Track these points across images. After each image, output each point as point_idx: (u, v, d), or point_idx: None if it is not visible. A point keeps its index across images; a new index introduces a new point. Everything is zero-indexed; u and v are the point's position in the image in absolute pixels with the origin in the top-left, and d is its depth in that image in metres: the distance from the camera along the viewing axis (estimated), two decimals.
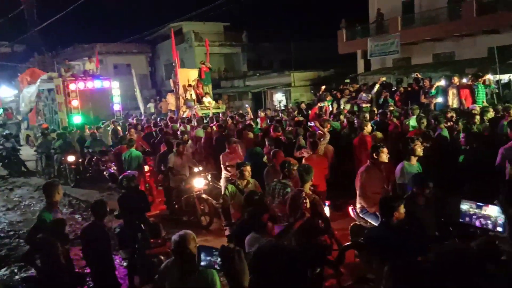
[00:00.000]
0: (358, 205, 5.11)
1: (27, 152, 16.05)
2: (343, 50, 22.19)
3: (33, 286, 4.46)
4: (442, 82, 10.99)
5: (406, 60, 19.87)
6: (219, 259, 2.52)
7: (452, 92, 10.21)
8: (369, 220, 4.98)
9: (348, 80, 16.88)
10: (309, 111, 12.06)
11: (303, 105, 14.95)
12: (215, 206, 7.53)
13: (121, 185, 5.77)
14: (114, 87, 15.93)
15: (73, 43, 35.07)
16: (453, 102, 10.13)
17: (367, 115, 8.34)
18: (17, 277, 5.99)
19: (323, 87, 14.32)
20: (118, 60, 33.89)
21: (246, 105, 19.31)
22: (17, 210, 9.85)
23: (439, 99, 10.42)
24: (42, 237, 4.24)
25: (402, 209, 3.42)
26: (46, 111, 17.43)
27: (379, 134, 6.79)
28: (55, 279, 4.06)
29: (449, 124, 7.35)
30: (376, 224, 4.67)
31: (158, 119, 15.45)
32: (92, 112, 14.98)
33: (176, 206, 8.03)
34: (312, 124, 9.08)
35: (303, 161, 6.21)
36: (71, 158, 11.38)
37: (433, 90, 10.47)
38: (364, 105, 11.73)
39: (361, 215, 5.07)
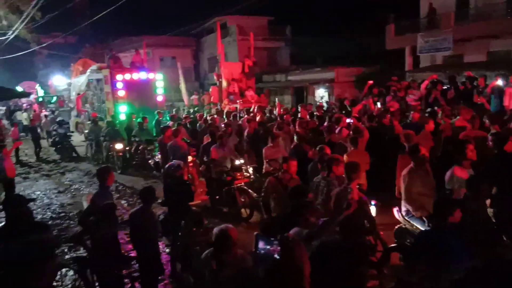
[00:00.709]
0: (403, 208, 4.95)
1: (76, 139, 16.93)
2: (391, 45, 21.49)
3: (83, 266, 4.68)
4: (499, 82, 10.37)
5: (458, 57, 18.92)
6: (279, 248, 2.52)
7: (509, 92, 9.62)
8: (415, 224, 4.82)
9: (395, 77, 16.32)
10: (352, 108, 11.82)
11: (347, 102, 14.66)
12: (255, 198, 7.60)
13: (167, 174, 5.93)
14: (158, 78, 16.44)
15: (122, 35, 36.32)
16: (510, 103, 9.55)
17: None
18: (67, 256, 6.33)
19: (370, 82, 13.93)
20: (164, 53, 34.75)
21: (276, 99, 19.24)
22: (68, 193, 10.41)
23: (495, 100, 9.85)
24: (93, 219, 4.46)
25: (457, 214, 3.28)
26: (94, 100, 18.27)
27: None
28: (104, 260, 4.26)
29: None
30: (423, 229, 4.52)
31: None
32: (137, 102, 15.54)
33: (217, 197, 8.17)
34: (350, 120, 8.95)
35: (345, 157, 6.14)
36: (118, 146, 11.87)
37: (488, 90, 9.92)
38: (413, 103, 11.31)
39: (406, 218, 4.91)
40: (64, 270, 5.29)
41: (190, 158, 9.25)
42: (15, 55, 23.62)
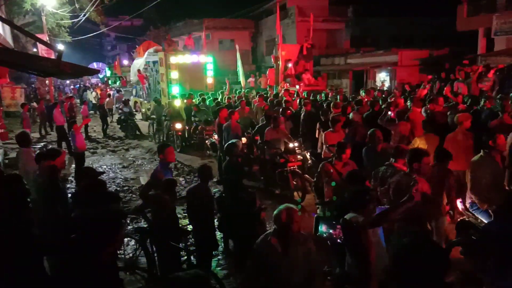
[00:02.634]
0: (468, 200, 4.65)
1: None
2: (462, 27, 19.93)
3: (143, 237, 4.97)
4: None
5: None
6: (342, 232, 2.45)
7: None
8: (480, 217, 4.52)
9: (466, 61, 15.19)
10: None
11: (407, 86, 13.96)
12: (308, 182, 7.56)
13: (225, 153, 6.07)
14: (208, 61, 16.93)
15: (184, 18, 37.23)
16: None
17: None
18: (130, 227, 6.75)
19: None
20: (223, 36, 35.14)
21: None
22: (131, 169, 11.04)
23: None
24: (155, 193, 4.70)
25: None
26: (151, 81, 19.20)
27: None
28: (163, 232, 4.48)
29: None
30: None
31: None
32: (188, 84, 16.18)
33: (269, 180, 8.24)
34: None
35: (416, 141, 5.93)
36: (178, 126, 12.32)
37: None
38: (485, 89, 10.49)
39: (470, 210, 4.62)
40: (126, 239, 5.67)
41: (244, 140, 9.39)
42: (86, 36, 25.17)
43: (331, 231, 2.39)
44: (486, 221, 4.33)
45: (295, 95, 13.26)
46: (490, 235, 3.07)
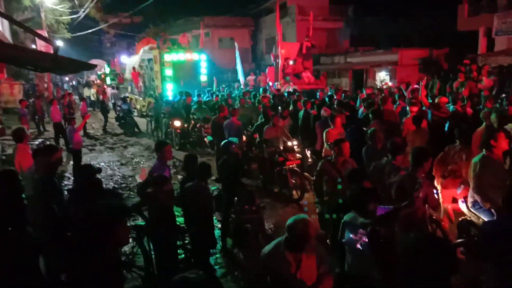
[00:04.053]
0: (470, 199, 4.59)
1: None
2: (463, 26, 19.88)
3: (140, 234, 4.91)
4: None
5: None
6: (364, 239, 2.36)
7: None
8: (482, 217, 4.46)
9: (467, 61, 15.15)
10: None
11: (403, 85, 13.91)
12: (307, 180, 7.51)
13: (223, 151, 6.01)
14: (202, 59, 16.99)
15: (184, 16, 37.10)
16: None
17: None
18: (127, 225, 6.68)
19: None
20: (223, 34, 35.04)
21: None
22: (129, 166, 10.97)
23: None
24: (152, 191, 4.63)
25: None
26: (146, 78, 19.20)
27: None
28: (160, 229, 4.42)
29: None
30: None
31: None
32: (182, 81, 16.25)
33: (268, 178, 8.18)
34: None
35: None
36: (177, 123, 12.25)
37: None
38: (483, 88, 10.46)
39: (472, 209, 4.56)
40: None
41: (244, 138, 9.33)
42: (85, 32, 25.10)
43: (351, 235, 2.28)
44: None
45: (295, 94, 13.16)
46: (487, 235, 3.01)
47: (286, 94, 13.30)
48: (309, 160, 8.35)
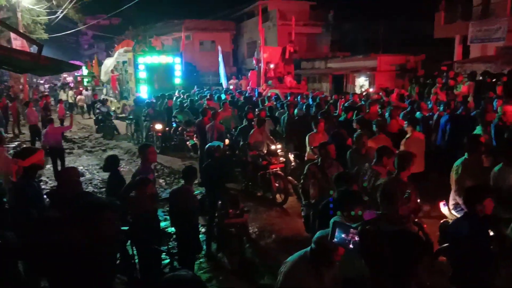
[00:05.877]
0: (451, 201, 4.70)
1: None
2: (439, 34, 20.46)
3: (123, 238, 4.80)
4: None
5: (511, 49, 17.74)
6: (356, 238, 2.36)
7: None
8: None
9: (445, 67, 15.59)
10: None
11: (383, 93, 14.17)
12: (290, 184, 7.53)
13: (207, 155, 5.96)
14: (176, 62, 17.13)
15: (164, 18, 36.77)
16: None
17: None
18: None
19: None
20: (204, 37, 34.92)
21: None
22: None
23: None
24: (134, 195, 4.54)
25: (489, 204, 3.04)
26: (121, 80, 19.11)
27: None
28: (144, 234, 4.34)
29: None
30: None
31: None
32: (156, 84, 16.34)
33: (251, 182, 8.17)
34: None
35: (403, 144, 6.01)
36: (158, 126, 12.08)
37: None
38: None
39: (453, 212, 4.66)
40: None
41: (227, 141, 9.29)
42: (62, 33, 24.57)
43: (343, 235, 2.28)
44: None
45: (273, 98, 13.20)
46: (449, 237, 3.08)
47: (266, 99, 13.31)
48: (293, 164, 8.38)
